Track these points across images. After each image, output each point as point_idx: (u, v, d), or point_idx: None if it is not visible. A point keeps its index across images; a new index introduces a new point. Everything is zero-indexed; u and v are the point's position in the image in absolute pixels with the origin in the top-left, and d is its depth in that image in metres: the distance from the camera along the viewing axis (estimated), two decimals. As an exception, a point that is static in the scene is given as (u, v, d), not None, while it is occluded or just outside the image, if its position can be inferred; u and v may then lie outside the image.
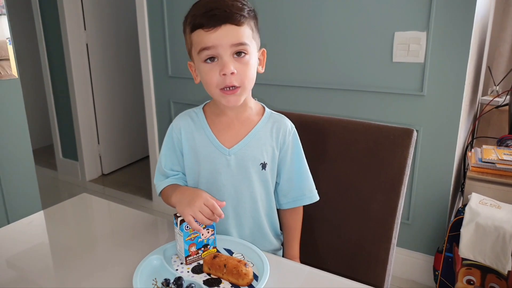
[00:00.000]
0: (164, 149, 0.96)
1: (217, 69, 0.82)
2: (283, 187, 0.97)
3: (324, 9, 1.79)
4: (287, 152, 0.94)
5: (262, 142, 0.91)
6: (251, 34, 0.84)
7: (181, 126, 0.93)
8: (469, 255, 1.46)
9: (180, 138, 0.93)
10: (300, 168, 0.96)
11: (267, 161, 0.91)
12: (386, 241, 1.01)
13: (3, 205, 1.75)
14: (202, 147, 0.91)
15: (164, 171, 0.95)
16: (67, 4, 2.81)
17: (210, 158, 0.90)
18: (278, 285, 0.75)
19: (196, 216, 0.78)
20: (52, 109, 3.20)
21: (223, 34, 0.79)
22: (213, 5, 0.80)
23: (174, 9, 2.23)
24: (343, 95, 1.83)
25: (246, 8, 0.82)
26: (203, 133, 0.91)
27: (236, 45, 0.81)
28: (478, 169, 1.63)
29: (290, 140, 0.94)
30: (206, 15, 0.79)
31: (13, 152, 1.76)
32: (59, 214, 1.09)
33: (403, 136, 1.01)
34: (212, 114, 0.93)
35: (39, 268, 0.83)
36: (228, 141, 0.90)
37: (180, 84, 2.34)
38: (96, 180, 3.20)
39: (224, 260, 0.75)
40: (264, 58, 0.92)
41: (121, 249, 0.89)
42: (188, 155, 0.93)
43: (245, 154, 0.90)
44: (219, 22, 0.79)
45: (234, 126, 0.91)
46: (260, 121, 0.92)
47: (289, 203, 0.97)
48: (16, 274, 0.82)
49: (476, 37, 1.66)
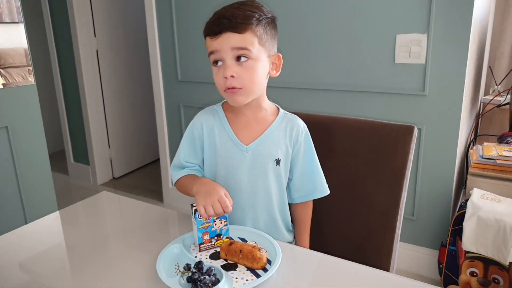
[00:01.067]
0: (183, 143, 1.02)
1: (220, 72, 0.90)
2: (296, 182, 1.03)
3: (328, 14, 1.86)
4: (300, 150, 1.01)
5: (277, 140, 0.98)
6: (257, 40, 0.90)
7: (203, 121, 1.00)
8: (471, 247, 1.52)
9: (201, 134, 1.00)
10: (312, 165, 1.03)
11: (281, 158, 0.98)
12: (390, 231, 1.07)
13: (21, 206, 1.82)
14: (221, 143, 0.98)
15: (181, 163, 1.01)
16: (77, 11, 2.88)
17: (228, 153, 0.97)
18: (291, 269, 0.81)
19: (207, 208, 0.84)
20: (63, 114, 3.28)
21: (223, 40, 0.88)
22: (219, 15, 0.89)
23: (183, 15, 2.30)
24: (348, 96, 1.90)
25: (254, 17, 0.89)
26: (222, 129, 0.99)
27: (237, 49, 0.88)
28: (479, 165, 1.68)
29: (302, 139, 1.01)
30: (211, 25, 0.89)
31: (30, 155, 1.83)
32: (75, 213, 1.14)
33: (404, 133, 1.07)
34: (231, 112, 1.01)
35: (55, 269, 0.86)
36: (246, 138, 0.97)
37: (190, 88, 2.41)
38: (107, 184, 3.27)
39: (239, 246, 0.82)
40: (280, 62, 0.98)
41: (139, 244, 0.94)
42: (208, 150, 1.00)
43: (261, 151, 0.97)
44: (220, 30, 0.88)
45: (251, 124, 0.99)
46: (275, 120, 1.00)
47: (302, 197, 1.04)
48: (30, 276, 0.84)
49: (475, 38, 1.72)
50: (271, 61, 0.96)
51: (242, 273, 0.78)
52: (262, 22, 0.91)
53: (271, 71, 0.97)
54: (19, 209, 1.81)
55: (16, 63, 1.70)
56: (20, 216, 1.81)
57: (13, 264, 0.87)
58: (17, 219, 1.79)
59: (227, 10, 0.89)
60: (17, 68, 1.71)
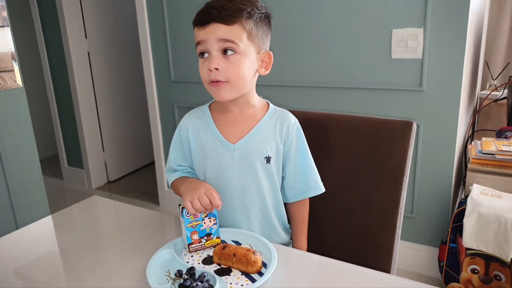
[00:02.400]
0: (172, 147, 1.01)
1: (206, 64, 0.87)
2: (289, 180, 1.00)
3: (322, 10, 1.82)
4: (291, 146, 0.97)
5: (266, 136, 0.94)
6: (246, 35, 0.87)
7: (188, 124, 0.98)
8: (472, 244, 1.49)
9: (187, 137, 0.97)
10: (304, 161, 0.99)
11: (271, 155, 0.94)
12: (390, 230, 1.04)
13: (12, 213, 1.78)
14: (208, 143, 0.95)
15: (172, 167, 1.01)
16: (68, 13, 2.84)
17: (215, 153, 0.94)
18: (288, 273, 0.78)
19: (193, 202, 0.83)
20: (56, 118, 3.24)
21: (211, 30, 0.85)
22: (208, 5, 0.87)
23: (175, 14, 2.27)
24: (344, 93, 1.87)
25: (246, 10, 0.86)
26: (209, 130, 0.95)
27: (222, 41, 0.85)
28: (478, 160, 1.65)
29: (294, 134, 0.97)
30: (199, 15, 0.87)
31: (20, 160, 1.79)
32: (67, 218, 1.12)
33: (403, 129, 1.04)
34: (218, 111, 0.97)
35: (48, 275, 0.84)
36: (233, 137, 0.94)
37: (184, 89, 2.38)
38: (102, 188, 3.23)
39: (233, 249, 0.78)
40: (270, 61, 0.94)
41: (131, 248, 0.91)
42: (196, 152, 0.97)
43: (249, 149, 0.93)
44: (208, 20, 0.85)
45: (239, 122, 0.95)
46: (264, 116, 0.96)
47: (296, 195, 1.00)
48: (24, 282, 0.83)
49: (472, 32, 1.70)
50: (261, 58, 0.92)
51: (237, 277, 0.75)
52: (253, 16, 0.88)
53: (260, 69, 0.93)
54: (10, 215, 1.77)
55: (8, 67, 1.67)
56: (11, 222, 1.77)
57: (8, 270, 0.85)
58: (8, 225, 1.75)
59: (218, 1, 0.86)
60: (7, 72, 1.67)
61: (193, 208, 0.83)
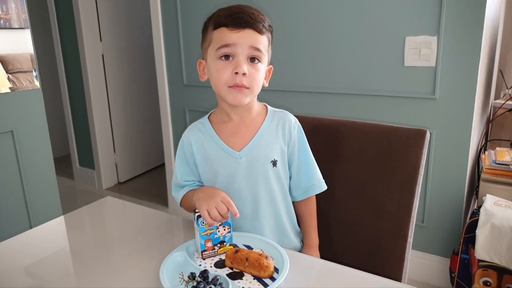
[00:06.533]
0: (177, 163, 1.00)
1: (230, 67, 0.87)
2: (294, 180, 1.01)
3: (337, 17, 1.83)
4: (295, 146, 0.98)
5: (270, 140, 0.95)
6: (267, 46, 0.90)
7: (190, 138, 0.97)
8: (485, 256, 1.47)
9: (191, 151, 0.97)
10: (307, 160, 1.00)
11: (277, 158, 0.95)
12: (402, 239, 1.03)
13: (26, 211, 1.80)
14: (213, 154, 0.95)
15: (180, 183, 0.99)
16: (84, 16, 2.89)
17: (222, 164, 0.94)
18: (299, 279, 0.78)
19: (211, 211, 0.82)
20: (69, 119, 3.28)
21: (245, 35, 0.85)
22: (238, 10, 0.87)
23: (188, 19, 2.29)
24: (356, 100, 1.86)
25: (266, 22, 0.90)
26: (212, 141, 0.95)
27: (253, 49, 0.86)
28: (492, 171, 1.64)
29: (295, 134, 0.98)
30: (232, 17, 0.86)
31: (35, 160, 1.82)
32: (80, 218, 1.13)
33: (416, 137, 1.04)
34: (218, 121, 0.98)
35: (59, 274, 0.85)
36: (237, 145, 0.94)
37: (195, 93, 2.39)
38: (112, 188, 3.26)
39: (245, 254, 0.78)
40: (270, 74, 0.97)
41: (143, 249, 0.92)
42: (202, 165, 0.97)
43: (255, 154, 0.94)
44: (243, 25, 0.85)
45: (240, 130, 0.95)
46: (265, 121, 0.97)
47: (302, 194, 1.01)
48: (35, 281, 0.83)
49: (486, 41, 1.68)
50: (266, 70, 0.95)
51: (249, 282, 0.75)
52: (269, 28, 0.91)
53: (264, 80, 0.95)
54: (24, 214, 1.79)
55: (24, 68, 1.70)
56: (25, 221, 1.80)
57: (18, 269, 0.86)
58: (22, 224, 1.78)
59: (245, 8, 0.87)
60: (25, 73, 1.70)
61: (210, 217, 0.82)
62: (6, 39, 1.62)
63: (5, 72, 1.62)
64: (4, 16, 1.60)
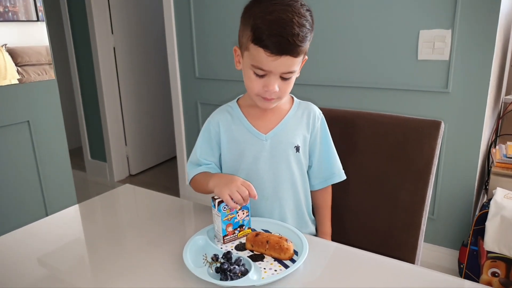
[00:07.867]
0: (200, 141, 1.03)
1: (261, 82, 0.89)
2: (315, 169, 1.04)
3: (350, 10, 1.84)
4: (317, 136, 1.02)
5: (294, 127, 0.99)
6: (302, 56, 0.89)
7: (219, 119, 1.01)
8: (494, 247, 1.49)
9: (218, 131, 1.00)
10: (328, 150, 1.03)
11: (299, 145, 0.99)
12: (415, 228, 1.06)
13: (42, 200, 1.84)
14: (240, 135, 0.98)
15: (198, 160, 1.02)
16: (95, 9, 2.91)
17: (248, 145, 0.98)
18: (317, 261, 0.80)
19: (233, 195, 0.84)
20: (81, 111, 3.31)
21: (280, 64, 0.85)
22: (280, 30, 0.82)
23: (201, 11, 2.31)
24: (369, 93, 1.88)
25: (310, 33, 0.86)
26: (239, 123, 0.99)
27: (286, 73, 0.88)
28: (503, 164, 1.65)
29: (319, 125, 1.02)
30: (272, 40, 0.82)
31: (51, 150, 1.85)
32: (94, 207, 1.15)
33: (430, 128, 1.06)
34: (247, 106, 1.01)
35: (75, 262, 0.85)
36: (264, 128, 0.98)
37: (208, 86, 2.42)
38: (123, 181, 3.30)
39: (266, 237, 0.81)
40: (302, 64, 0.96)
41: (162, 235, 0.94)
42: (227, 146, 1.00)
43: (280, 138, 0.97)
44: (280, 52, 0.83)
45: (268, 115, 0.99)
46: (291, 109, 1.01)
47: (321, 183, 1.05)
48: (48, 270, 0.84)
49: (500, 36, 1.69)
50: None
51: (270, 263, 0.78)
52: (311, 35, 0.89)
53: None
54: (40, 202, 1.83)
55: (32, 61, 1.72)
56: (41, 209, 1.84)
57: (32, 257, 0.87)
58: (38, 212, 1.82)
59: (288, 25, 0.81)
60: (33, 66, 1.72)
61: (233, 200, 0.84)
62: (15, 32, 1.64)
63: (15, 65, 1.65)
64: (12, 9, 1.62)
